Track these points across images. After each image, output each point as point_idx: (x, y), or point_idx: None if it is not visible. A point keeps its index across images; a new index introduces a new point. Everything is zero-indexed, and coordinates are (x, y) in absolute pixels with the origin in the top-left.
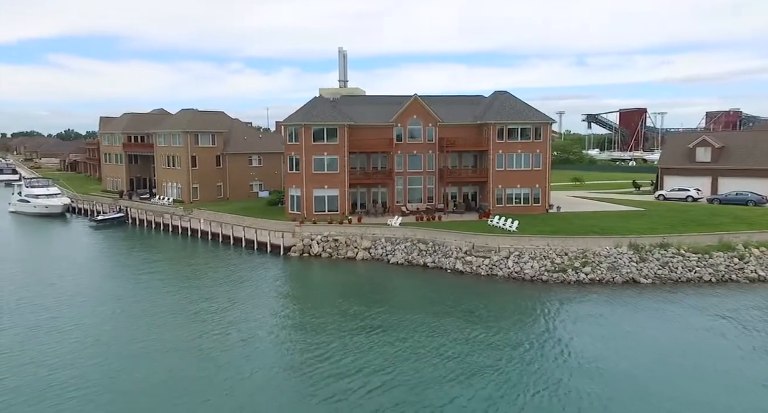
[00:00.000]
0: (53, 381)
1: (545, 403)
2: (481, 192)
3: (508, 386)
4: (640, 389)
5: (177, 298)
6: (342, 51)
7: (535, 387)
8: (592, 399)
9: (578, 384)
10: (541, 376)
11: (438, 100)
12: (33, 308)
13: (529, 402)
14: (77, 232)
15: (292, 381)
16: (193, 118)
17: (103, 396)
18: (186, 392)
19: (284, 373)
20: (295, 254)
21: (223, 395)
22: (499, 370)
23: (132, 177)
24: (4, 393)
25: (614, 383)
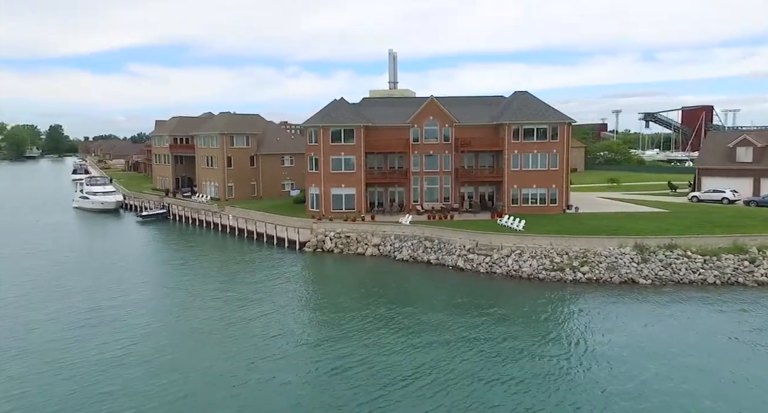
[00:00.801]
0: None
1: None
2: (497, 192)
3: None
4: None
5: (204, 286)
6: (392, 53)
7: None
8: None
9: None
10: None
11: (456, 101)
12: (86, 290)
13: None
14: (126, 226)
15: (308, 352)
16: (229, 121)
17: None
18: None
19: (301, 348)
20: (309, 249)
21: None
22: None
23: (177, 176)
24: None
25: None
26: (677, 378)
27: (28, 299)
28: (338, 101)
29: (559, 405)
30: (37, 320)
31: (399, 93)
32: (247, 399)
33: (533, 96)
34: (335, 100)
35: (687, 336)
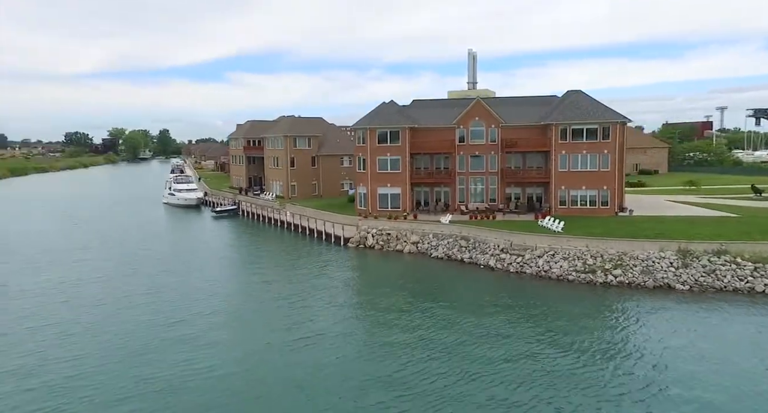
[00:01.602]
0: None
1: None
2: (545, 194)
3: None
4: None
5: (258, 274)
6: (471, 53)
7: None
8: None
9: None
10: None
11: (506, 102)
12: (169, 273)
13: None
14: (202, 221)
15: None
16: (293, 124)
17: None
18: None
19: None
20: (352, 245)
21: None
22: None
23: (250, 176)
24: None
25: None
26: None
27: (131, 277)
28: (386, 104)
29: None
30: (139, 288)
31: (477, 93)
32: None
33: (587, 95)
34: (383, 102)
35: (727, 344)
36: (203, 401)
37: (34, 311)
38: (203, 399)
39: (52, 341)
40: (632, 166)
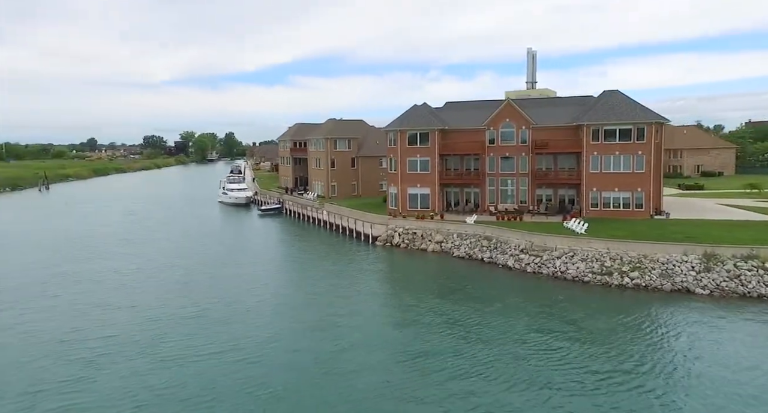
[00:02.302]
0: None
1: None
2: (577, 195)
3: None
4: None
5: (290, 268)
6: (531, 52)
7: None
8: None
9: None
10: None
11: (539, 103)
12: (225, 264)
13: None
14: (250, 218)
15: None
16: (334, 126)
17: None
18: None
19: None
20: (380, 243)
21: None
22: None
23: (296, 176)
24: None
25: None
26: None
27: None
28: (417, 106)
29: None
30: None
31: (537, 93)
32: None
33: (624, 95)
34: (415, 105)
35: (749, 350)
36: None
37: (117, 291)
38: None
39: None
40: (694, 167)
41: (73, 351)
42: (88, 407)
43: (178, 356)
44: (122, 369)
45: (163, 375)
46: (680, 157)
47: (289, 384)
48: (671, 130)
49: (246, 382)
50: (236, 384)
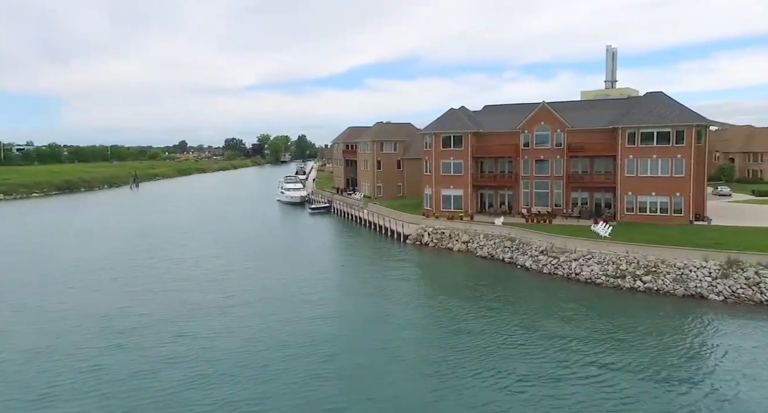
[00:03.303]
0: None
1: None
2: (614, 199)
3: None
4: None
5: (323, 261)
6: (610, 49)
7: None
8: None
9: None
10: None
11: (577, 105)
12: (285, 256)
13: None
14: (303, 216)
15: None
16: (381, 129)
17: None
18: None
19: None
20: (410, 241)
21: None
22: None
23: (348, 177)
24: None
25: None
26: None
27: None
28: (453, 110)
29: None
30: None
31: (617, 93)
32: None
33: (667, 96)
34: (451, 108)
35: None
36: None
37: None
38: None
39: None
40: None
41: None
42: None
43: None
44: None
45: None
46: (761, 161)
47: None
48: (751, 132)
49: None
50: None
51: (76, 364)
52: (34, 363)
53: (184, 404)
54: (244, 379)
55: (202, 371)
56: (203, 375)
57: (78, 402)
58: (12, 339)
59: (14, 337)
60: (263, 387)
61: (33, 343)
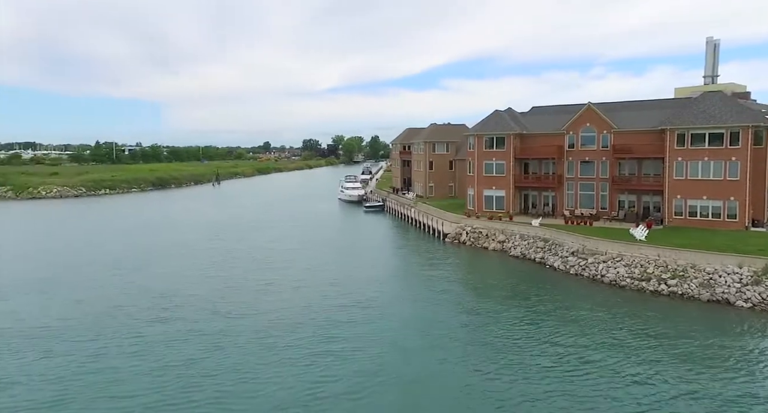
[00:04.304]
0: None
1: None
2: (662, 202)
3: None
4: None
5: (367, 255)
6: (711, 41)
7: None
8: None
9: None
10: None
11: (627, 106)
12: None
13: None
14: (357, 213)
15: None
16: (434, 131)
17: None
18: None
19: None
20: (449, 240)
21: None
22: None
23: (404, 177)
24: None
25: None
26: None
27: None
28: (499, 112)
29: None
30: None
31: (718, 89)
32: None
33: (725, 95)
34: (496, 110)
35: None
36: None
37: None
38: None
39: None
40: None
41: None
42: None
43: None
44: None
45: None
46: None
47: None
48: None
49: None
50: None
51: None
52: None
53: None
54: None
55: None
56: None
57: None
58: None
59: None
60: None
61: (145, 304)
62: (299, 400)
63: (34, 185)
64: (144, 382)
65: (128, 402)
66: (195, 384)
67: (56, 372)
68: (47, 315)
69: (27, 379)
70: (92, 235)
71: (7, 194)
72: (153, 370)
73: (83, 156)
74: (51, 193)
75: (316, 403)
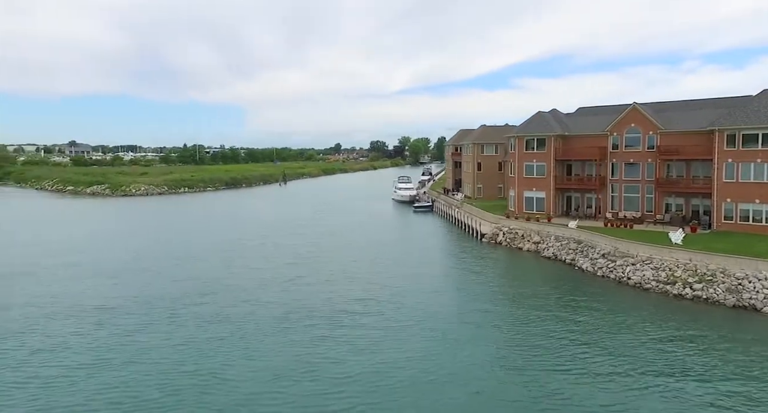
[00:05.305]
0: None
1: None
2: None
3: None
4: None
5: (414, 257)
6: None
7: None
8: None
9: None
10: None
11: (675, 106)
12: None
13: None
14: (407, 213)
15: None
16: (482, 132)
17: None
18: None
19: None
20: (485, 240)
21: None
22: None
23: (456, 178)
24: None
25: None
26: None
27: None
28: (542, 113)
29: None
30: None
31: None
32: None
33: None
34: (540, 111)
35: None
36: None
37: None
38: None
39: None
40: None
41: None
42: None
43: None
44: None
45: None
46: None
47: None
48: None
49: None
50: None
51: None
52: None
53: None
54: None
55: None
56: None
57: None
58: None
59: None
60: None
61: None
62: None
63: (126, 184)
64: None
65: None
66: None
67: (101, 341)
68: (104, 295)
69: (76, 341)
70: (160, 228)
71: (104, 191)
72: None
73: (171, 157)
74: (139, 191)
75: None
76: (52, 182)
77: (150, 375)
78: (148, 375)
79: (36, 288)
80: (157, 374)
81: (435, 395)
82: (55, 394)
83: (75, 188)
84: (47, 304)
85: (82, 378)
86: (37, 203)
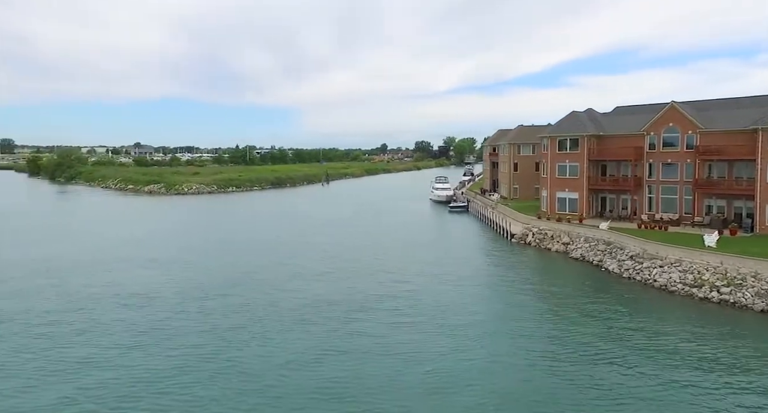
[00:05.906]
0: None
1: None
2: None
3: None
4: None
5: (440, 257)
6: None
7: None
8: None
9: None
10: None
11: (718, 104)
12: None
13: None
14: (443, 213)
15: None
16: (519, 132)
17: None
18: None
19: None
20: (515, 240)
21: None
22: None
23: (493, 179)
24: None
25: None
26: None
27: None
28: (576, 112)
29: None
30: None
31: None
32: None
33: None
34: (573, 111)
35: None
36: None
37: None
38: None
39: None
40: None
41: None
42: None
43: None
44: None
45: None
46: None
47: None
48: None
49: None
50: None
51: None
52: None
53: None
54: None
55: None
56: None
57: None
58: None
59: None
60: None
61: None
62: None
63: (179, 183)
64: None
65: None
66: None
67: (139, 325)
68: (148, 284)
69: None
70: (206, 225)
71: (160, 190)
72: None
73: (223, 158)
74: (191, 190)
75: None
76: (116, 181)
77: (173, 358)
78: (171, 358)
79: (92, 279)
80: (180, 357)
81: (460, 387)
82: (92, 371)
83: (135, 187)
84: (97, 293)
85: (115, 357)
86: (101, 200)
